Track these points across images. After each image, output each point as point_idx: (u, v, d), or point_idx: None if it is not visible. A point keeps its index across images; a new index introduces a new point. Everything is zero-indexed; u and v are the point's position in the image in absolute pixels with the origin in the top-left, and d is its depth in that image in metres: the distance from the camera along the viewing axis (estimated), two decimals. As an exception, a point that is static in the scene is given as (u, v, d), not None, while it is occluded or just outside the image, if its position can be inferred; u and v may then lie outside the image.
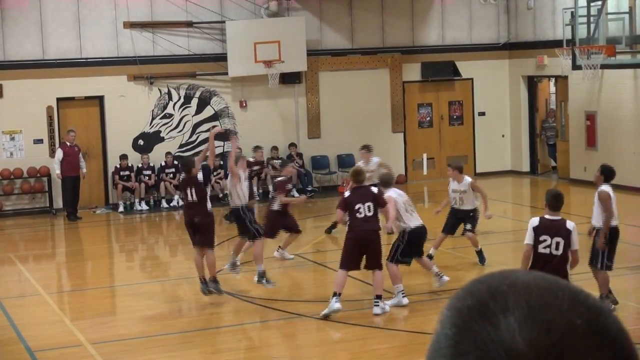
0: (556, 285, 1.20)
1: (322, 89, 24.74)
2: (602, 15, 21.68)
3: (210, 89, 23.88)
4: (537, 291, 1.18)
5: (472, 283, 1.24)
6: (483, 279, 1.24)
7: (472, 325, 1.16)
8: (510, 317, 1.15)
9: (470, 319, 1.17)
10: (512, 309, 1.16)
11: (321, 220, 21.04)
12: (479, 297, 1.19)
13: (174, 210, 22.62)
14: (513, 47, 26.23)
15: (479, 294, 1.20)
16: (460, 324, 1.18)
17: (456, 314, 1.19)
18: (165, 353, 11.19)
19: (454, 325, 1.18)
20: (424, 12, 25.63)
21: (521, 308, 1.15)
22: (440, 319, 1.22)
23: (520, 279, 1.20)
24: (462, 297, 1.22)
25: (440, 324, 1.21)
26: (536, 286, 1.19)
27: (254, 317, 12.84)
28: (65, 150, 21.57)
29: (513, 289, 1.18)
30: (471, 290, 1.22)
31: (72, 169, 21.53)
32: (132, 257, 18.72)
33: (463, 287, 1.25)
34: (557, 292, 1.19)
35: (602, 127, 23.16)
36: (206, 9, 23.47)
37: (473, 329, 1.15)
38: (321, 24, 24.69)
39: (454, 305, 1.21)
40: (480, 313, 1.17)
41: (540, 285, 1.19)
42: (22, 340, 11.80)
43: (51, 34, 22.42)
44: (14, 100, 22.11)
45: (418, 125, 26.04)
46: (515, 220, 20.06)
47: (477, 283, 1.23)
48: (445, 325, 1.19)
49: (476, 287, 1.22)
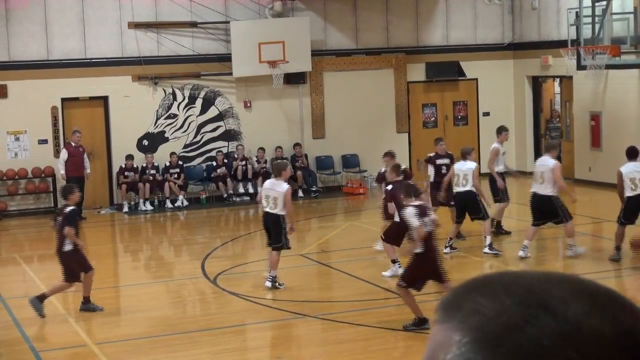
0: (572, 276, 1.20)
1: (327, 89, 24.74)
2: (607, 15, 21.66)
3: (214, 89, 23.89)
4: (570, 282, 1.17)
5: (480, 287, 1.17)
6: (489, 282, 1.17)
7: (534, 320, 1.11)
8: (573, 305, 1.12)
9: (528, 314, 1.11)
10: (568, 299, 1.13)
11: (325, 220, 21.05)
12: (518, 295, 1.14)
13: (178, 210, 22.63)
14: (517, 48, 26.21)
15: (515, 292, 1.14)
16: (516, 321, 1.11)
17: (498, 314, 1.12)
18: (169, 353, 11.19)
19: (502, 325, 1.11)
20: (429, 12, 25.62)
21: (577, 297, 1.14)
22: (463, 328, 1.12)
23: (535, 275, 1.19)
24: (486, 299, 1.14)
25: (471, 330, 1.12)
26: (562, 279, 1.18)
27: (259, 317, 12.84)
28: (70, 150, 21.57)
29: (546, 283, 1.16)
30: (493, 291, 1.15)
31: (77, 170, 21.51)
32: (137, 257, 18.74)
33: (467, 292, 1.17)
34: (580, 280, 1.18)
35: (607, 127, 23.13)
36: (210, 9, 23.48)
37: (539, 323, 1.10)
38: (325, 24, 24.69)
39: (480, 309, 1.13)
40: (537, 307, 1.12)
41: (563, 278, 1.19)
42: (27, 340, 11.81)
43: (56, 35, 22.44)
44: (18, 100, 22.13)
45: (422, 125, 26.02)
46: (520, 220, 20.01)
47: (489, 285, 1.17)
48: (486, 328, 1.11)
49: (496, 288, 1.16)
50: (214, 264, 16.14)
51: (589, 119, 23.71)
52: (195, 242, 18.82)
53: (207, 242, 18.70)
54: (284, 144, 24.09)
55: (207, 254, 16.99)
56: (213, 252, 17.35)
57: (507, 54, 26.37)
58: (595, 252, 16.13)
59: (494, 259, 15.77)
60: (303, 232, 20.30)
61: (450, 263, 15.53)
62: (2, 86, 22.04)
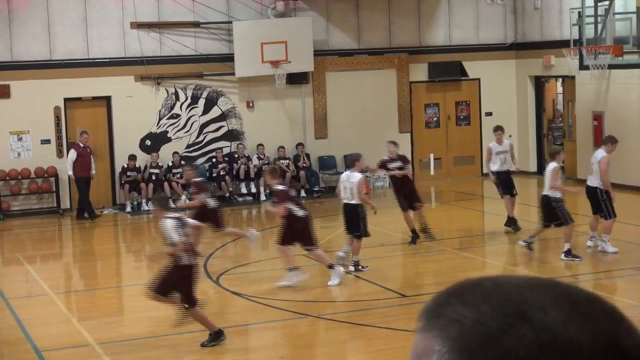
0: (555, 282, 1.19)
1: (329, 89, 24.74)
2: (610, 15, 21.66)
3: (217, 89, 23.90)
4: (551, 289, 1.16)
5: (458, 295, 1.17)
6: (468, 289, 1.17)
7: (511, 330, 1.10)
8: (552, 313, 1.11)
9: (506, 324, 1.11)
10: (547, 307, 1.12)
11: (328, 220, 21.04)
12: (496, 304, 1.13)
13: (181, 210, 22.61)
14: (520, 47, 26.20)
15: (493, 301, 1.14)
16: (493, 332, 1.11)
17: (476, 324, 1.12)
18: (172, 353, 11.20)
19: (480, 335, 1.11)
20: (431, 12, 25.62)
21: (556, 305, 1.13)
22: (442, 337, 1.13)
23: (516, 282, 1.17)
24: (465, 308, 1.14)
25: (451, 341, 1.12)
26: (543, 286, 1.17)
27: (261, 317, 12.85)
28: (79, 151, 21.72)
29: (525, 290, 1.15)
30: (472, 300, 1.15)
31: (85, 170, 21.68)
32: (140, 257, 18.73)
33: (446, 300, 1.17)
34: (564, 287, 1.17)
35: (610, 127, 23.10)
36: (213, 9, 23.49)
37: (516, 334, 1.10)
38: (328, 24, 24.69)
39: (460, 318, 1.13)
40: (515, 317, 1.11)
41: (545, 284, 1.17)
42: (30, 340, 11.83)
43: (58, 35, 22.46)
44: (21, 100, 22.15)
45: (425, 125, 26.02)
46: (523, 220, 20.01)
47: (468, 293, 1.16)
48: (465, 338, 1.12)
49: (475, 296, 1.16)
50: (216, 264, 16.15)
51: (591, 118, 23.70)
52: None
53: (210, 242, 18.70)
54: (287, 144, 24.10)
55: (210, 254, 16.99)
56: (215, 252, 17.36)
57: (510, 54, 26.36)
58: (599, 253, 16.12)
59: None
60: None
61: (453, 263, 15.56)
62: (5, 86, 22.07)
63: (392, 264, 16.26)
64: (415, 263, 16.02)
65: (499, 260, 15.84)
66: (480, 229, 19.57)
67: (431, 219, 17.91)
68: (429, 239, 16.76)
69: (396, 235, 17.22)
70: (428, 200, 23.92)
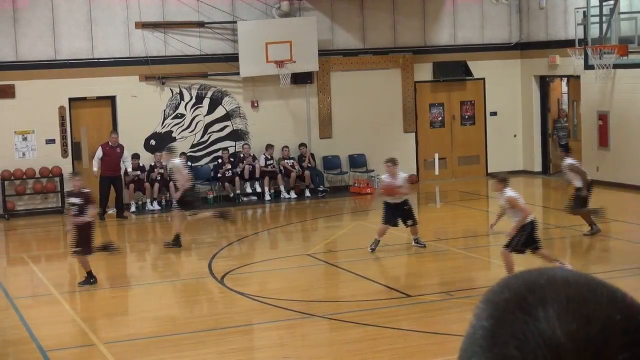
0: (594, 282, 1.20)
1: (334, 89, 24.74)
2: (615, 14, 21.62)
3: (221, 89, 23.91)
4: (576, 286, 1.18)
5: (508, 278, 1.24)
6: (520, 274, 1.24)
7: (509, 317, 1.16)
8: (550, 309, 1.14)
9: (508, 311, 1.17)
10: (550, 302, 1.15)
11: (332, 220, 21.06)
12: (517, 290, 1.19)
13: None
14: (525, 47, 26.17)
15: (516, 287, 1.20)
16: (497, 315, 1.17)
17: (493, 306, 1.19)
18: (176, 353, 11.20)
19: (490, 316, 1.18)
20: (436, 11, 25.59)
21: (560, 301, 1.15)
22: (475, 312, 1.22)
23: (558, 275, 1.21)
24: (498, 290, 1.22)
25: (476, 317, 1.21)
26: (574, 282, 1.19)
27: (265, 317, 12.84)
28: (106, 150, 21.89)
29: (551, 283, 1.19)
30: (508, 284, 1.22)
31: (109, 169, 21.88)
32: (144, 257, 18.75)
33: (499, 282, 1.25)
34: (596, 288, 1.18)
35: (615, 126, 23.09)
36: (218, 9, 23.49)
37: (510, 321, 1.15)
38: (332, 24, 24.68)
39: (490, 298, 1.21)
40: (519, 305, 1.16)
41: (578, 281, 1.19)
42: (35, 339, 11.83)
43: (63, 35, 22.48)
44: (26, 100, 22.17)
45: (430, 125, 26.00)
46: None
47: (513, 278, 1.23)
48: (481, 317, 1.19)
49: (513, 281, 1.22)
50: (221, 264, 16.15)
51: (596, 118, 23.67)
52: (202, 241, 18.83)
53: (214, 241, 18.71)
54: (291, 144, 24.10)
55: (214, 254, 17.00)
56: (220, 251, 17.36)
57: (515, 53, 26.33)
58: (604, 252, 16.10)
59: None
60: (310, 232, 20.32)
61: (457, 263, 15.55)
62: (10, 86, 22.09)
63: (397, 264, 16.26)
64: (420, 263, 16.01)
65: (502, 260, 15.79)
66: (484, 229, 19.54)
67: (436, 219, 17.91)
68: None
69: (402, 235, 17.19)
70: (433, 200, 23.92)
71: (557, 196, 24.21)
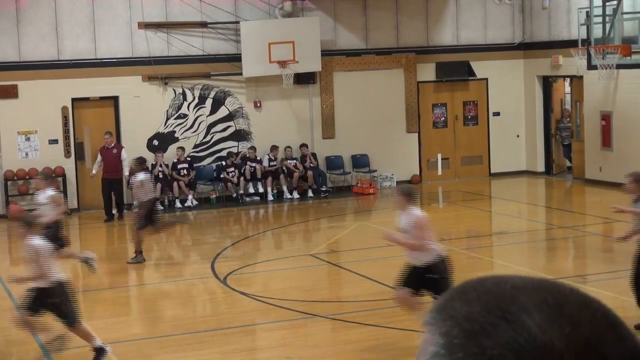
0: (554, 284, 1.19)
1: (337, 89, 24.73)
2: (618, 14, 21.60)
3: (224, 90, 23.91)
4: (547, 291, 1.17)
5: (460, 292, 1.19)
6: (472, 287, 1.20)
7: (489, 327, 1.12)
8: (535, 315, 1.13)
9: (488, 323, 1.13)
10: (531, 308, 1.14)
11: (335, 220, 21.05)
12: (487, 302, 1.15)
13: (188, 210, 22.66)
14: (528, 47, 26.16)
15: (486, 299, 1.16)
16: (476, 329, 1.13)
17: (464, 321, 1.14)
18: (179, 353, 11.20)
19: (464, 332, 1.13)
20: (439, 12, 25.59)
21: (541, 307, 1.14)
22: (435, 332, 1.16)
23: (519, 282, 1.19)
24: (461, 305, 1.17)
25: (442, 336, 1.15)
26: (541, 287, 1.18)
27: (268, 317, 12.84)
28: (103, 152, 21.90)
29: (520, 290, 1.17)
30: (467, 298, 1.17)
31: (107, 172, 21.85)
32: (147, 257, 18.74)
33: (449, 297, 1.19)
34: (561, 289, 1.18)
35: (618, 127, 23.07)
36: (220, 9, 23.50)
37: (495, 333, 1.12)
38: (335, 24, 24.68)
39: (454, 314, 1.16)
40: (499, 316, 1.13)
41: (544, 286, 1.18)
42: (37, 339, 11.83)
43: (66, 35, 22.49)
44: (29, 100, 22.18)
45: (432, 125, 26.00)
46: (530, 220, 20.00)
47: (470, 290, 1.19)
48: (452, 334, 1.14)
49: (472, 294, 1.18)
50: (224, 264, 16.15)
51: (599, 118, 23.65)
52: (205, 242, 18.83)
53: (217, 242, 18.71)
54: (294, 144, 24.10)
55: (217, 254, 17.00)
56: (223, 252, 17.36)
57: (518, 53, 26.32)
58: (606, 253, 16.08)
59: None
60: (313, 232, 20.32)
61: (460, 263, 15.54)
62: (12, 86, 22.10)
63: (399, 264, 16.23)
64: (423, 263, 15.97)
65: (506, 260, 15.80)
66: (487, 229, 19.53)
67: (438, 219, 17.89)
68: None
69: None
70: (435, 200, 23.91)
71: (559, 196, 24.20)
